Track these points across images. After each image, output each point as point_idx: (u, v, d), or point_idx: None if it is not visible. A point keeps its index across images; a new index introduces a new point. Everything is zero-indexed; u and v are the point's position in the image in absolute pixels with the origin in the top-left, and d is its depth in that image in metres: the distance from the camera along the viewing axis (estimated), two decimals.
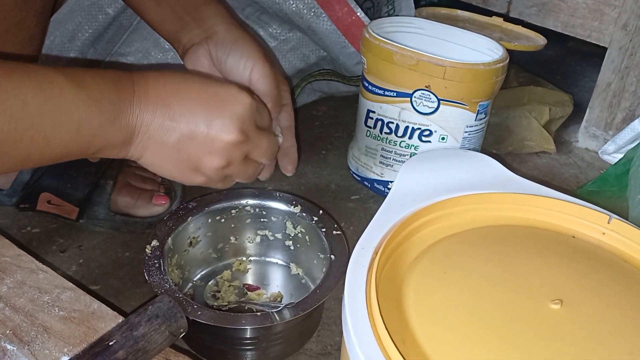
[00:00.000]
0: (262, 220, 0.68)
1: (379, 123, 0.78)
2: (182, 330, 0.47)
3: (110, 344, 0.42)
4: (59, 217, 0.73)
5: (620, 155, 0.84)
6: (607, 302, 0.44)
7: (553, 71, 1.25)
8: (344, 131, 0.99)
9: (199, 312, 0.51)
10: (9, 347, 0.47)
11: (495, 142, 0.92)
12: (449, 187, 0.56)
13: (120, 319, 0.50)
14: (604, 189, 0.74)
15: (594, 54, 1.17)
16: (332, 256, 0.59)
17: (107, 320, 0.50)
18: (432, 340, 0.41)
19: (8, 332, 0.48)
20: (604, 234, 0.52)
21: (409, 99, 0.74)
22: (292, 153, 0.62)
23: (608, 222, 0.52)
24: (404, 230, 0.50)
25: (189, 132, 0.49)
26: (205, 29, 0.60)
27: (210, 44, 0.59)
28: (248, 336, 0.55)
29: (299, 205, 0.66)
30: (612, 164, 0.80)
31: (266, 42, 0.90)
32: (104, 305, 0.51)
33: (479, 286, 0.45)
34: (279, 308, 0.53)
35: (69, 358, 0.44)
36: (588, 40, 0.93)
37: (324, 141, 0.95)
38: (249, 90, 0.53)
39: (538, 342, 0.40)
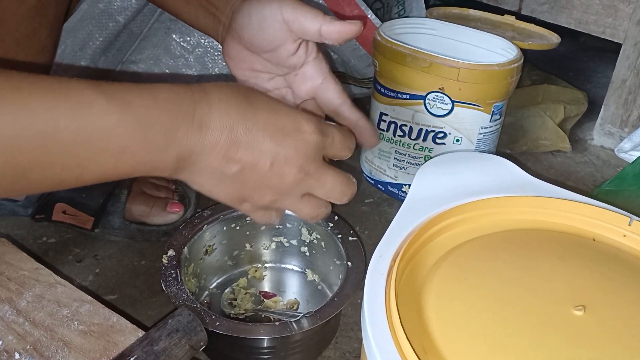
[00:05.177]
0: (277, 226, 0.67)
1: (392, 126, 0.77)
2: (202, 343, 0.46)
3: (132, 359, 0.41)
4: (75, 227, 0.73)
5: (638, 153, 0.83)
6: (631, 307, 0.44)
7: (566, 68, 1.24)
8: None
9: (217, 323, 0.51)
10: None
11: (509, 141, 0.92)
12: (467, 191, 0.56)
13: (140, 332, 0.50)
14: (621, 188, 0.73)
15: (607, 49, 1.16)
16: (349, 263, 0.59)
17: (127, 333, 0.50)
18: (453, 348, 0.40)
19: (28, 347, 0.48)
20: (625, 236, 0.51)
21: (422, 101, 0.73)
22: (364, 125, 0.56)
23: (629, 224, 0.51)
24: (422, 236, 0.50)
25: (252, 164, 0.45)
26: (227, 15, 0.56)
27: (235, 26, 0.54)
28: (266, 345, 0.54)
29: None
30: (629, 162, 0.80)
31: None
32: (123, 319, 0.51)
33: (500, 292, 0.45)
34: (298, 317, 0.52)
35: None
36: (602, 36, 0.92)
37: None
38: (317, 123, 0.47)
39: (562, 350, 0.40)
